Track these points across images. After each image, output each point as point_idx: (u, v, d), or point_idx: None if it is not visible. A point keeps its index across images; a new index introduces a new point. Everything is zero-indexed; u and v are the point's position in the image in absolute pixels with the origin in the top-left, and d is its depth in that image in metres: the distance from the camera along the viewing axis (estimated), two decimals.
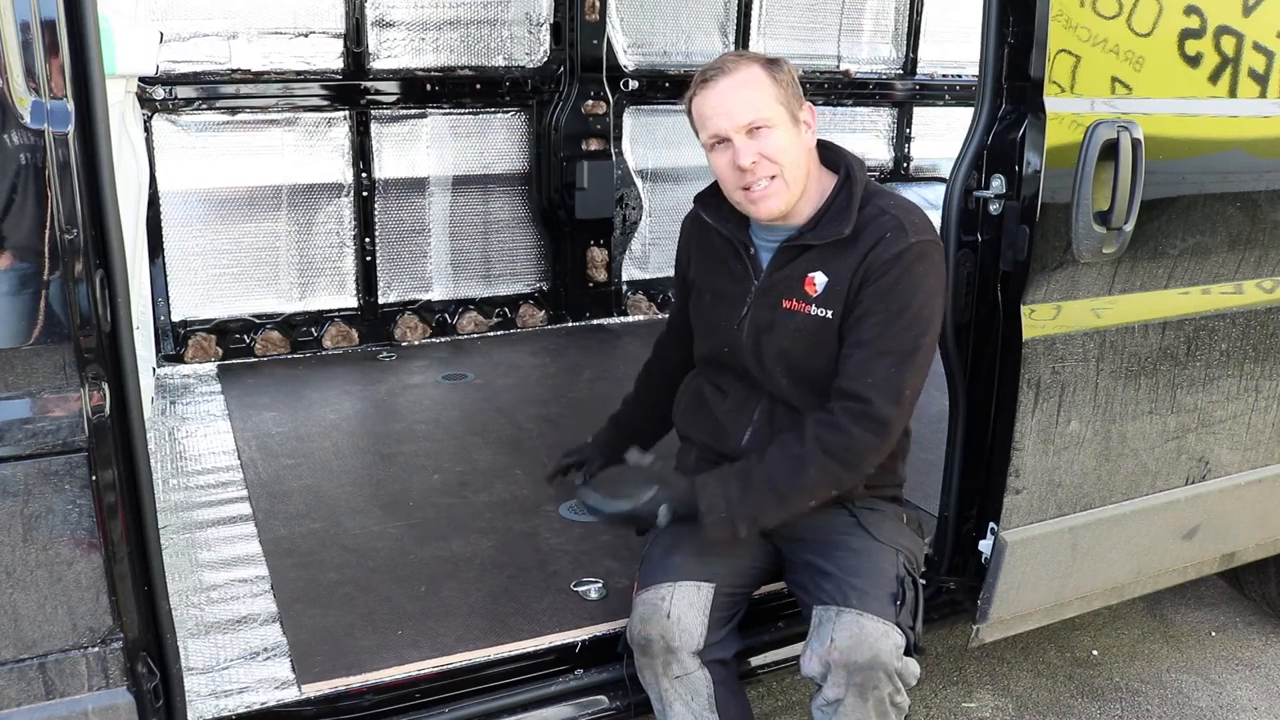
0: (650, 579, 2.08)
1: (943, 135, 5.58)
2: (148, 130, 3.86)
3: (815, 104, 2.09)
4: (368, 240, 4.36)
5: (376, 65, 4.24)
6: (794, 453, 1.97)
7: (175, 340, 4.09)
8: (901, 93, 5.46)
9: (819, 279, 2.02)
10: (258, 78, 4.03)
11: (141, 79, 3.68)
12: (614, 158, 4.68)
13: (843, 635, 1.89)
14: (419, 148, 4.41)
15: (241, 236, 4.16)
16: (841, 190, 2.04)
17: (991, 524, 2.28)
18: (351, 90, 4.21)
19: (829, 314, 2.01)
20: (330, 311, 4.37)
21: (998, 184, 2.14)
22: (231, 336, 4.18)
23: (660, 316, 4.90)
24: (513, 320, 4.71)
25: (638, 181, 4.89)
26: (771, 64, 2.01)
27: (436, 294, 4.58)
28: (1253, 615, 3.42)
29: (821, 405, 2.00)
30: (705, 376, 2.25)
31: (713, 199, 2.19)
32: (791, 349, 2.05)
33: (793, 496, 1.97)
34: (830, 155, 2.11)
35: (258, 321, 4.23)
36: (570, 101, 4.56)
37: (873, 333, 1.96)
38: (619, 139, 4.76)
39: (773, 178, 1.98)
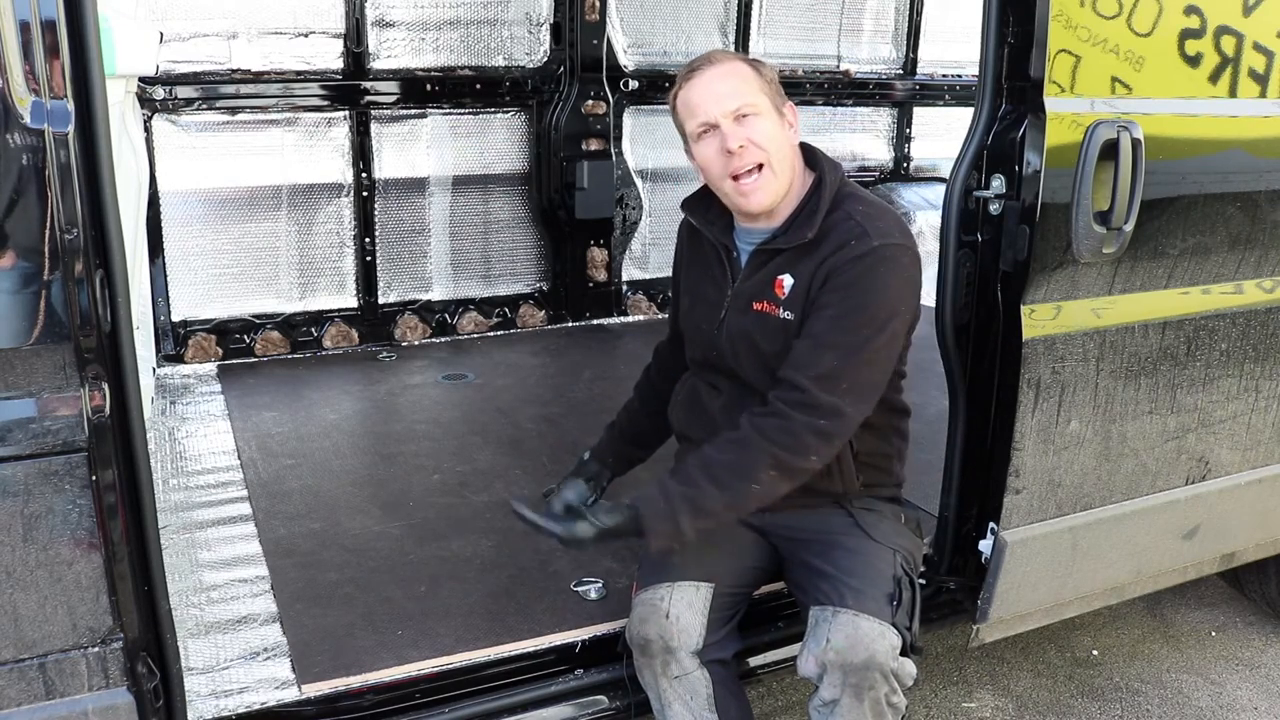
0: (649, 579, 2.08)
1: (943, 135, 5.58)
2: (148, 130, 3.86)
3: (815, 104, 2.11)
4: (368, 240, 4.36)
5: (376, 65, 4.24)
6: (731, 439, 1.97)
7: (175, 340, 4.10)
8: (901, 93, 5.45)
9: (787, 281, 2.02)
10: (258, 78, 4.03)
11: (141, 79, 3.68)
12: (614, 158, 4.69)
13: (839, 635, 1.89)
14: (419, 148, 4.42)
15: (241, 236, 4.16)
16: (814, 194, 2.05)
17: (991, 524, 2.28)
18: (351, 90, 4.21)
19: (792, 316, 2.01)
20: (330, 311, 4.37)
21: (998, 184, 2.14)
22: (231, 336, 4.18)
23: (660, 316, 4.90)
24: (513, 320, 4.71)
25: (638, 181, 4.89)
26: (753, 61, 2.05)
27: (436, 294, 4.58)
28: (1253, 615, 3.42)
29: None
30: (698, 377, 2.25)
31: (699, 203, 2.19)
32: (766, 350, 2.05)
33: (732, 483, 1.94)
34: (809, 158, 2.12)
35: (258, 321, 4.24)
36: (570, 101, 4.56)
37: (822, 327, 1.95)
38: (619, 139, 4.77)
39: (760, 166, 1.98)
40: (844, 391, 1.93)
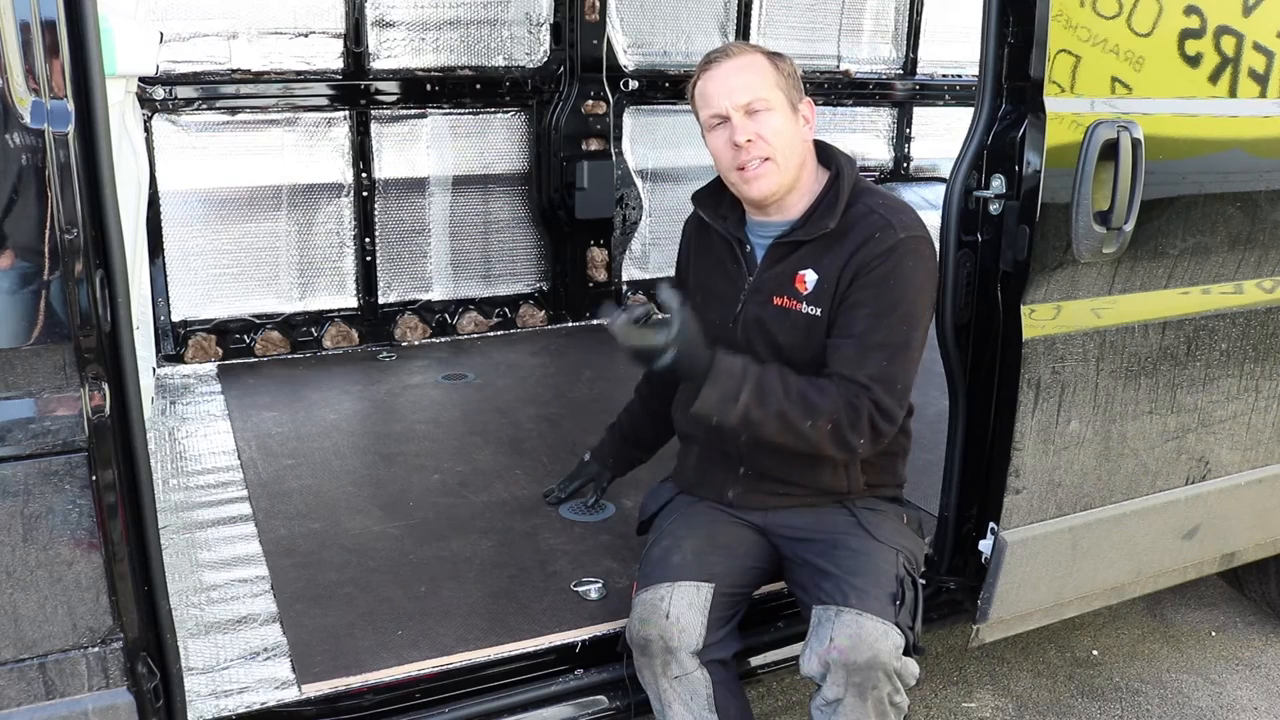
0: (650, 579, 2.08)
1: (943, 135, 5.58)
2: (148, 130, 3.86)
3: (815, 104, 2.11)
4: (368, 240, 4.36)
5: (376, 65, 4.24)
6: (814, 381, 1.98)
7: (175, 340, 4.09)
8: (901, 93, 5.46)
9: (809, 276, 2.04)
10: (258, 78, 4.03)
11: (141, 79, 3.68)
12: (614, 158, 4.68)
13: (842, 635, 1.89)
14: (419, 148, 4.41)
15: (241, 236, 4.16)
16: (832, 187, 2.07)
17: (991, 524, 2.28)
18: (351, 90, 4.21)
19: (818, 311, 2.03)
20: (330, 311, 4.37)
21: (998, 184, 2.14)
22: (231, 336, 4.18)
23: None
24: (513, 320, 4.71)
25: (638, 181, 4.89)
26: (774, 55, 2.07)
27: (436, 294, 4.57)
28: (1253, 615, 3.42)
29: None
30: None
31: (710, 197, 2.20)
32: (786, 345, 2.06)
33: (796, 405, 1.94)
34: (824, 154, 2.14)
35: (258, 321, 4.23)
36: (570, 101, 4.56)
37: (864, 325, 1.97)
38: (619, 139, 4.76)
39: (766, 159, 2.00)
40: (898, 394, 1.98)
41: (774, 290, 2.07)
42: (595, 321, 4.83)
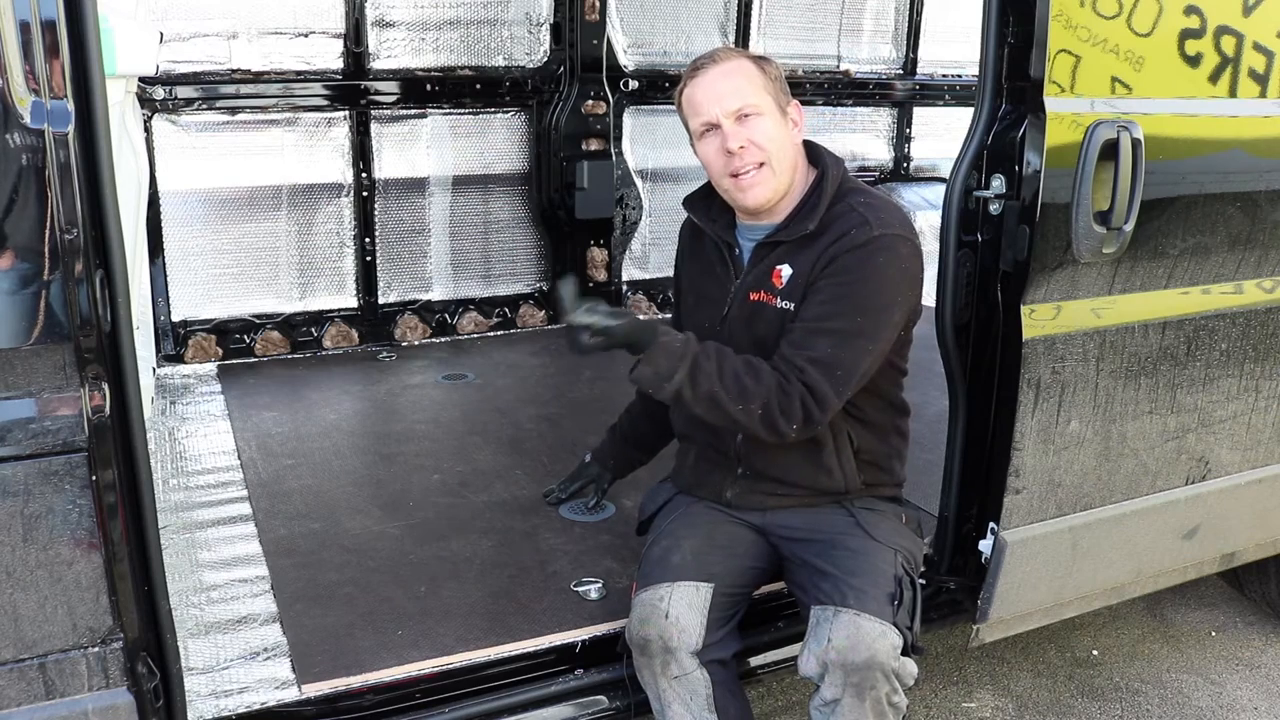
0: (649, 579, 2.08)
1: (943, 135, 5.58)
2: (148, 130, 3.86)
3: (815, 104, 2.11)
4: (368, 240, 4.36)
5: (376, 65, 4.24)
6: (752, 364, 1.97)
7: (175, 340, 4.10)
8: (901, 93, 5.46)
9: (785, 271, 2.05)
10: (258, 78, 4.03)
11: (141, 79, 3.68)
12: (614, 158, 4.69)
13: (840, 635, 1.89)
14: (419, 148, 4.42)
15: (241, 236, 4.16)
16: (816, 189, 2.07)
17: (991, 524, 2.28)
18: (351, 90, 4.21)
19: (791, 306, 2.03)
20: (330, 311, 4.37)
21: (998, 184, 2.14)
22: (231, 336, 4.18)
23: (660, 317, 4.90)
24: (513, 320, 4.71)
25: (638, 181, 4.89)
26: (759, 59, 2.07)
27: (436, 294, 4.58)
28: (1253, 615, 3.42)
29: None
30: None
31: (701, 201, 2.20)
32: (766, 339, 2.06)
33: (728, 388, 1.93)
34: (812, 153, 2.14)
35: (258, 321, 4.24)
36: (570, 101, 4.56)
37: (818, 310, 1.97)
38: (619, 139, 4.77)
39: (760, 165, 2.00)
40: (837, 380, 1.95)
41: (752, 287, 2.08)
42: None
